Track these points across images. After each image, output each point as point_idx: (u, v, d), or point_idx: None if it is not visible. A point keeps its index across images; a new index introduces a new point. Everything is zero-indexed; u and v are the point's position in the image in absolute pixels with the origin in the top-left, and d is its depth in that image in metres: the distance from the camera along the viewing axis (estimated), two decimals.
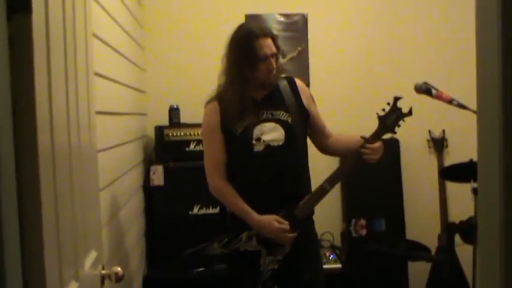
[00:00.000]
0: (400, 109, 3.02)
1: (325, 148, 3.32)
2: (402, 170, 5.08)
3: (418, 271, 4.92)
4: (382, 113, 3.02)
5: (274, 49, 3.04)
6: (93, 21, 2.31)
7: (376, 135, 3.03)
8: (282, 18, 5.04)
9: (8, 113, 1.23)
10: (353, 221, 4.98)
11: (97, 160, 2.15)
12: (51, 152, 1.45)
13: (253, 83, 3.07)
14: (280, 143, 3.07)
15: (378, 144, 3.02)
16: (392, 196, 5.05)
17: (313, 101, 3.31)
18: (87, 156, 1.95)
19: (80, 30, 1.84)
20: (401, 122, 3.03)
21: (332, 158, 4.03)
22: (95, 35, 2.50)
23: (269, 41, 3.03)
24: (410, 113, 3.02)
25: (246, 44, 3.00)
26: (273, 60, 3.04)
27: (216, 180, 3.12)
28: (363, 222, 4.97)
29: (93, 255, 1.96)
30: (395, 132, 3.07)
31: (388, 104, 3.04)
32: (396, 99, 3.03)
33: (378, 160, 3.04)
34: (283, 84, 3.19)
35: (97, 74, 2.46)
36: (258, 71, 3.03)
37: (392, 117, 3.02)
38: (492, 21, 1.26)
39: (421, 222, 5.03)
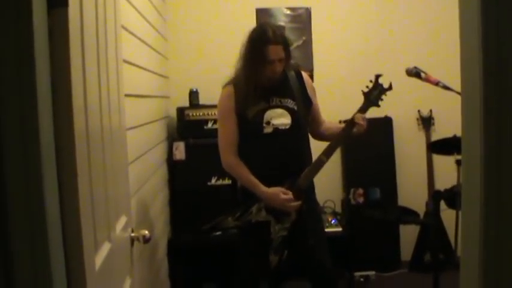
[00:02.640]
0: (381, 85, 3.07)
1: (317, 133, 3.34)
2: (395, 145, 5.07)
3: (408, 233, 4.93)
4: (366, 90, 3.06)
5: (282, 55, 3.02)
6: (122, 15, 2.31)
7: (363, 109, 3.07)
8: (288, 11, 5.01)
9: (49, 97, 1.24)
10: (352, 190, 4.99)
11: (126, 138, 2.15)
12: (85, 131, 1.46)
13: (262, 77, 3.06)
14: (287, 127, 3.09)
15: (363, 117, 3.04)
16: (386, 168, 5.04)
17: (314, 92, 3.33)
18: (117, 135, 1.95)
19: (110, 23, 1.84)
20: (383, 96, 3.06)
21: None
22: (124, 27, 2.50)
23: (279, 48, 3.01)
24: (390, 87, 3.07)
25: (259, 46, 3.00)
26: (278, 64, 3.03)
27: (228, 157, 3.13)
28: (360, 191, 4.97)
29: (123, 219, 1.97)
30: (379, 106, 3.11)
31: (371, 81, 3.06)
32: (377, 76, 3.08)
33: (364, 133, 3.05)
34: (292, 75, 3.19)
35: (125, 61, 2.46)
36: (265, 70, 3.03)
37: (375, 92, 3.07)
38: (473, 14, 1.25)
39: (411, 191, 5.04)
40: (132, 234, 2.09)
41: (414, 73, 3.22)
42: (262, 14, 4.95)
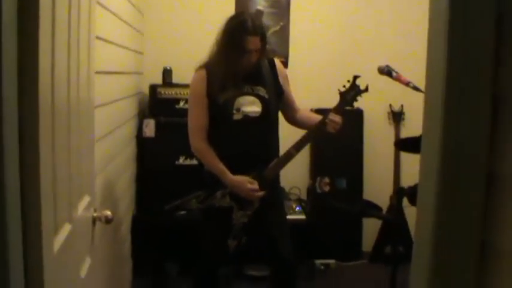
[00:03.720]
0: (358, 86, 3.08)
1: (292, 120, 3.34)
2: (364, 137, 5.07)
3: (371, 225, 4.96)
4: (343, 89, 3.06)
5: (259, 45, 3.01)
6: None
7: (338, 108, 3.06)
8: None
9: (14, 69, 1.19)
10: (318, 178, 4.99)
11: (93, 115, 2.10)
12: (51, 106, 1.40)
13: (237, 65, 3.04)
14: (257, 115, 3.08)
15: (338, 118, 3.03)
16: (354, 159, 5.05)
17: (287, 80, 3.32)
18: (85, 112, 1.90)
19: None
20: (359, 98, 3.07)
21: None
22: (98, 2, 2.42)
23: (257, 39, 3.00)
24: (366, 89, 3.08)
25: (237, 36, 2.98)
26: (255, 54, 3.01)
27: (197, 141, 3.11)
28: (326, 180, 4.98)
29: (86, 199, 1.92)
30: (353, 106, 3.15)
31: (348, 81, 3.06)
32: (355, 77, 3.09)
33: (337, 132, 3.05)
34: (265, 64, 3.18)
35: (99, 38, 2.39)
36: (240, 59, 3.01)
37: (351, 93, 3.07)
38: (441, 18, 1.23)
39: (377, 184, 5.05)
40: (94, 215, 2.04)
41: (386, 71, 3.21)
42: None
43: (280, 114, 3.31)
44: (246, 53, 2.98)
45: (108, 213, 2.06)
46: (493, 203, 1.16)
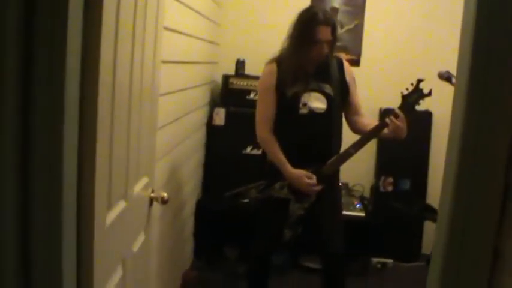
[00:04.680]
0: (421, 90, 2.99)
1: (354, 124, 3.27)
2: (432, 140, 4.99)
3: (433, 230, 4.88)
4: (406, 92, 3.00)
5: (329, 37, 3.02)
6: None
7: (400, 110, 2.98)
8: None
9: (78, 54, 1.29)
10: (382, 177, 4.96)
11: (157, 102, 2.21)
12: (111, 91, 1.51)
13: (307, 59, 3.07)
14: (322, 111, 3.11)
15: (399, 120, 2.92)
16: (420, 161, 4.97)
17: (354, 81, 3.29)
18: (149, 98, 2.00)
19: None
20: (421, 101, 3.00)
21: None
22: None
23: (327, 30, 3.00)
24: (430, 93, 2.99)
25: (308, 26, 3.00)
26: (326, 46, 3.02)
27: (263, 131, 3.17)
28: (390, 179, 4.94)
29: (144, 180, 2.03)
30: (414, 110, 3.02)
31: (412, 84, 3.00)
32: (419, 81, 3.00)
33: (398, 136, 2.94)
34: (333, 62, 3.19)
35: (169, 29, 2.50)
36: (312, 51, 3.03)
37: (414, 96, 2.99)
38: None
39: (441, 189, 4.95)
40: (152, 195, 2.16)
41: (445, 77, 3.15)
42: (321, 3, 4.91)
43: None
44: (317, 44, 3.00)
45: (165, 194, 2.17)
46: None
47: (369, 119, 3.31)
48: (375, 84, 4.77)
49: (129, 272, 1.85)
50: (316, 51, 3.03)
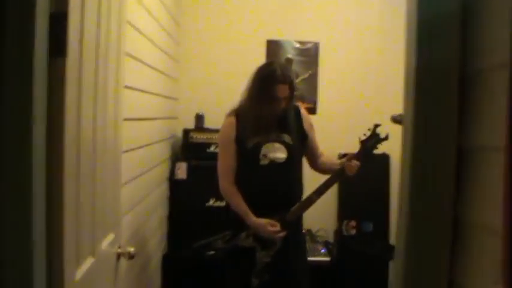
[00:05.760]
0: (378, 134, 3.14)
1: (315, 165, 3.44)
2: (391, 182, 5.11)
3: None
4: (363, 137, 3.14)
5: (287, 93, 3.11)
6: (132, 43, 2.41)
7: (357, 156, 3.14)
8: (297, 45, 5.11)
9: (44, 115, 1.35)
10: (345, 221, 5.02)
11: (120, 159, 2.25)
12: (76, 151, 1.56)
13: (265, 112, 3.16)
14: (282, 161, 3.19)
15: (355, 164, 3.13)
16: (381, 204, 5.06)
17: (312, 127, 3.41)
18: (112, 156, 2.05)
19: (112, 52, 1.95)
20: (378, 145, 3.14)
21: None
22: (129, 55, 2.61)
23: (285, 87, 3.10)
24: (386, 138, 3.13)
25: (267, 84, 3.09)
26: (284, 101, 3.12)
27: (225, 183, 3.23)
28: (353, 223, 5.01)
29: (111, 236, 2.06)
30: (372, 154, 3.21)
31: (369, 129, 3.14)
32: (376, 126, 3.15)
33: (356, 174, 3.14)
34: (291, 111, 3.28)
35: (128, 87, 2.57)
36: (270, 106, 3.12)
37: (371, 141, 3.14)
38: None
39: None
40: (119, 250, 2.18)
41: (398, 120, 3.27)
42: (273, 45, 5.07)
43: (304, 160, 3.41)
44: (275, 101, 3.10)
45: (131, 249, 2.19)
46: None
47: (329, 158, 3.51)
48: (332, 131, 4.90)
49: None
50: (274, 107, 3.12)
